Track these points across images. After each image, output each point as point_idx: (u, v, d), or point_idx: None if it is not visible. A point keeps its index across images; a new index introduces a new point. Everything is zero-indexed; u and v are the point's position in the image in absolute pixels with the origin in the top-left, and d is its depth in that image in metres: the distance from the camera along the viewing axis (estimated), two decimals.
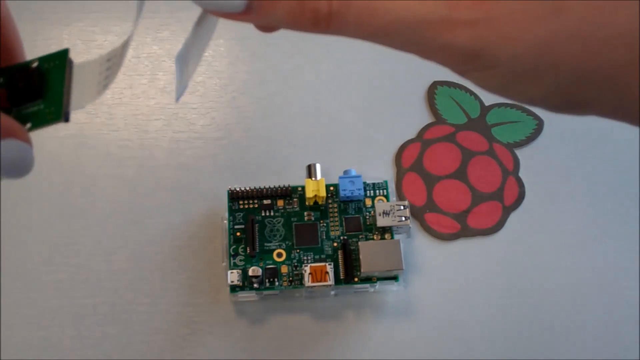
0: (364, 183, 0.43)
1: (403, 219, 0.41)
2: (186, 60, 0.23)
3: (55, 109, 0.21)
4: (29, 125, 0.21)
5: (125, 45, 0.22)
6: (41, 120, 0.21)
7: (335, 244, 0.41)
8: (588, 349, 0.41)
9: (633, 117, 0.18)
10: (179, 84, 0.22)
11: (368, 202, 0.42)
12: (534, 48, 0.16)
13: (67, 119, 0.21)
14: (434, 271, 0.42)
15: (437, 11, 0.16)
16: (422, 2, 0.16)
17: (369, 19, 0.16)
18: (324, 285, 0.39)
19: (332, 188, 0.43)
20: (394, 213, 0.40)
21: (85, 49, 0.49)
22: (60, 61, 0.22)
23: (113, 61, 0.21)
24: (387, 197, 0.43)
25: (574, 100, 0.18)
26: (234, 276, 0.39)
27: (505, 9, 0.16)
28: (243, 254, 0.40)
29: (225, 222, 0.41)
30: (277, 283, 0.39)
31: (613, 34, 0.16)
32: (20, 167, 0.20)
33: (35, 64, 0.23)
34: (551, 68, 0.17)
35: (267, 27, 0.20)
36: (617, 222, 0.44)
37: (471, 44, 0.16)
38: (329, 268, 0.39)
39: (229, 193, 0.42)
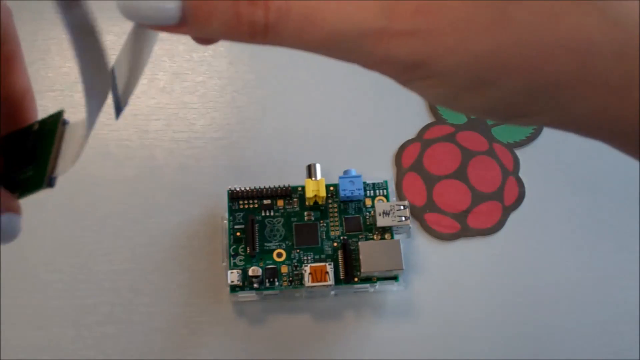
0: (364, 183, 0.43)
1: (403, 219, 0.41)
2: (121, 74, 0.21)
3: (38, 175, 0.20)
4: (17, 194, 0.21)
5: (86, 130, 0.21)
6: (26, 189, 0.21)
7: (335, 244, 0.41)
8: (588, 349, 0.41)
9: (578, 128, 0.18)
10: (115, 99, 0.20)
11: (368, 202, 0.42)
12: (477, 59, 0.16)
13: (51, 185, 0.20)
14: (434, 271, 0.42)
15: (376, 22, 0.15)
16: (360, 12, 0.15)
17: (307, 30, 0.16)
18: (324, 285, 0.39)
19: (332, 188, 0.43)
20: (394, 213, 0.40)
21: None
22: (53, 124, 0.21)
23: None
24: (387, 197, 0.43)
25: (519, 111, 0.17)
26: (234, 276, 0.39)
27: (446, 19, 0.15)
28: (243, 254, 0.40)
29: (225, 222, 0.41)
30: (277, 283, 0.39)
31: (556, 43, 0.15)
32: (10, 236, 0.21)
33: (36, 127, 0.22)
34: (495, 79, 0.16)
35: (203, 39, 0.20)
36: (617, 222, 0.44)
37: (411, 55, 0.16)
38: (329, 268, 0.39)
39: (229, 193, 0.42)
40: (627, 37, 0.15)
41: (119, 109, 0.21)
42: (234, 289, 0.39)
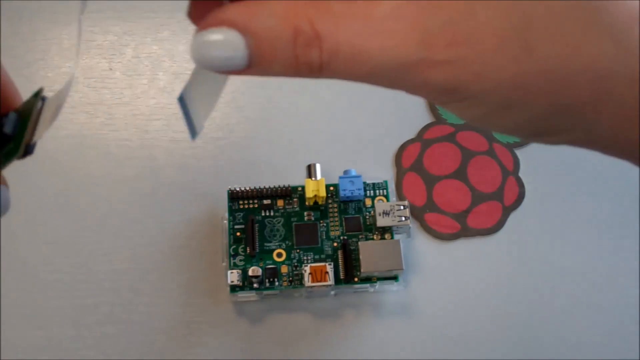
0: (364, 183, 0.43)
1: (403, 219, 0.41)
2: (191, 107, 0.22)
3: (17, 146, 0.22)
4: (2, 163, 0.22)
5: (68, 85, 0.23)
6: (7, 157, 0.22)
7: (335, 244, 0.41)
8: (588, 349, 0.41)
9: (601, 147, 0.20)
10: (187, 126, 0.21)
11: (368, 202, 0.42)
12: (504, 85, 0.18)
13: (29, 152, 0.22)
14: (434, 271, 0.42)
15: (415, 54, 0.17)
16: (401, 47, 0.17)
17: (356, 66, 0.18)
18: (323, 285, 0.39)
19: (332, 188, 0.43)
20: (394, 213, 0.40)
21: (85, 49, 0.49)
22: (32, 100, 0.23)
23: (60, 95, 0.22)
24: (387, 197, 0.43)
25: (545, 131, 0.19)
26: (234, 276, 0.39)
27: (475, 50, 0.17)
28: (243, 254, 0.40)
29: (225, 222, 0.41)
30: (277, 283, 0.39)
31: (577, 70, 0.17)
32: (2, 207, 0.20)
33: (20, 109, 0.24)
34: (521, 103, 0.18)
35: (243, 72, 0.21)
36: (617, 222, 0.44)
37: (447, 81, 0.18)
38: (329, 268, 0.39)
39: (229, 193, 0.42)
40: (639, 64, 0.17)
41: (194, 132, 0.22)
42: (234, 289, 0.39)
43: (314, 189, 0.41)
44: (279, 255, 0.40)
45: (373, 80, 0.18)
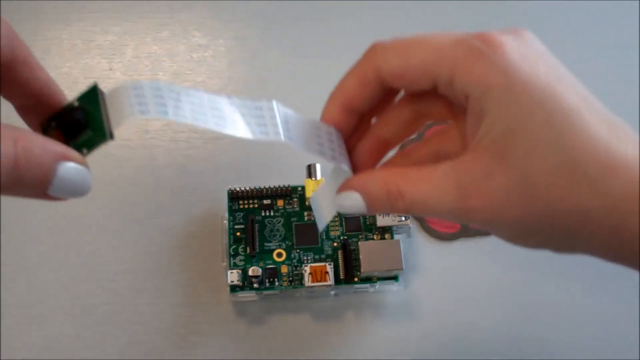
0: None
1: (403, 219, 0.41)
2: (319, 205, 0.31)
3: (100, 132, 0.25)
4: (84, 150, 0.25)
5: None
6: (92, 144, 0.25)
7: (335, 244, 0.41)
8: (588, 349, 0.41)
9: (602, 257, 0.27)
10: (317, 221, 0.31)
11: None
12: (516, 222, 0.26)
13: (112, 137, 0.25)
14: (434, 271, 0.42)
15: (456, 205, 0.26)
16: (448, 201, 0.26)
17: (424, 211, 0.27)
18: (324, 285, 0.39)
19: None
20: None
21: (85, 49, 0.49)
22: (92, 95, 0.26)
23: (144, 91, 0.25)
24: None
25: (558, 248, 0.27)
26: (234, 276, 0.39)
27: (491, 201, 0.25)
28: (243, 254, 0.40)
29: (225, 222, 0.41)
30: (277, 283, 0.39)
31: (565, 211, 0.25)
32: (80, 187, 0.24)
33: (76, 104, 0.26)
34: (532, 233, 0.26)
35: None
36: None
37: (480, 219, 0.26)
38: (329, 268, 0.39)
39: (229, 193, 0.42)
40: (613, 204, 0.24)
41: (321, 225, 0.31)
42: (234, 289, 0.39)
43: (314, 189, 0.41)
44: (279, 255, 0.40)
45: (439, 218, 0.28)
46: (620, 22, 0.52)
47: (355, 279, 0.40)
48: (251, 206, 0.42)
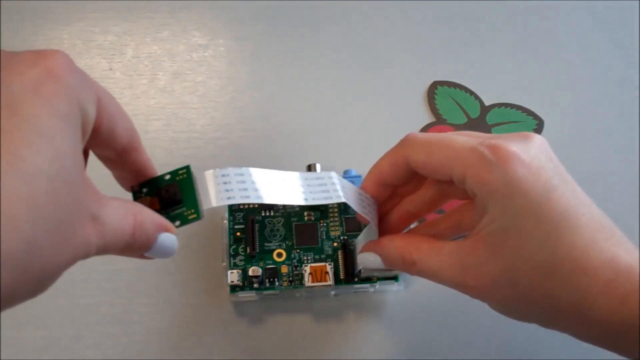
0: None
1: None
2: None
3: (195, 211, 0.29)
4: (178, 223, 0.29)
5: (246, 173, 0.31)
6: (186, 220, 0.30)
7: (335, 244, 0.41)
8: (588, 349, 0.40)
9: (565, 332, 0.31)
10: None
11: None
12: (503, 302, 0.31)
13: (203, 216, 0.29)
14: None
15: (458, 280, 0.31)
16: (453, 275, 0.31)
17: (433, 279, 0.33)
18: (324, 285, 0.39)
19: None
20: None
21: (85, 49, 0.49)
22: (187, 175, 0.30)
23: (230, 178, 0.30)
24: None
25: (534, 322, 0.32)
26: (234, 276, 0.39)
27: (481, 284, 0.31)
28: (243, 254, 0.40)
29: (225, 222, 0.41)
30: (277, 283, 0.39)
31: (545, 300, 0.30)
32: (170, 251, 0.28)
33: (168, 177, 0.31)
34: (514, 311, 0.32)
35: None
36: (616, 223, 0.44)
37: (475, 295, 0.31)
38: (329, 268, 0.39)
39: None
40: (580, 298, 0.29)
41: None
42: (234, 289, 0.39)
43: None
44: (279, 255, 0.40)
45: (440, 283, 0.32)
46: (620, 22, 0.52)
47: (356, 279, 0.40)
48: (251, 206, 0.42)
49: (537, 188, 0.30)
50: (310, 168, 0.42)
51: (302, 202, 0.31)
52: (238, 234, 0.41)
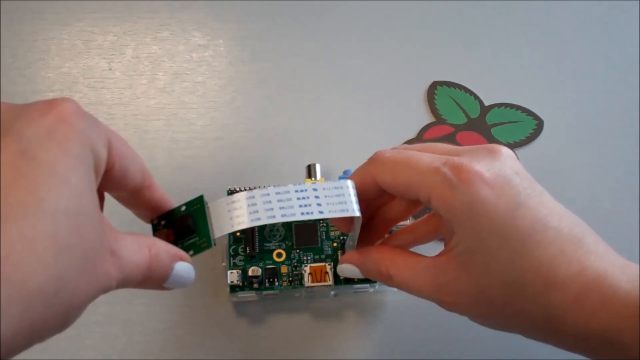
0: None
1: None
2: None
3: (206, 240, 0.31)
4: (191, 252, 0.31)
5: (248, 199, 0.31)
6: (198, 249, 0.31)
7: (335, 244, 0.41)
8: None
9: (543, 342, 0.32)
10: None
11: None
12: (479, 317, 0.32)
13: (215, 244, 0.31)
14: None
15: (434, 295, 0.32)
16: (427, 291, 0.32)
17: (407, 291, 0.33)
18: (323, 286, 0.39)
19: None
20: None
21: (85, 49, 0.49)
22: (200, 205, 0.32)
23: (237, 204, 0.31)
24: None
25: (515, 332, 0.33)
26: (233, 276, 0.39)
27: (460, 299, 0.31)
28: (243, 254, 0.40)
29: None
30: (277, 283, 0.39)
31: (518, 315, 0.31)
32: (187, 280, 0.30)
33: (183, 208, 0.32)
34: (491, 324, 0.33)
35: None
36: (617, 223, 0.44)
37: (452, 310, 0.33)
38: (329, 268, 0.39)
39: (228, 193, 0.42)
40: (550, 313, 0.30)
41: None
42: (233, 289, 0.39)
43: None
44: (279, 255, 0.40)
45: (413, 294, 0.33)
46: (620, 22, 0.52)
47: (355, 279, 0.40)
48: None
49: (500, 208, 0.30)
50: (310, 168, 0.42)
51: (318, 216, 0.31)
52: (238, 234, 0.41)
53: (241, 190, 0.42)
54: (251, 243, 0.40)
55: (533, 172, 0.46)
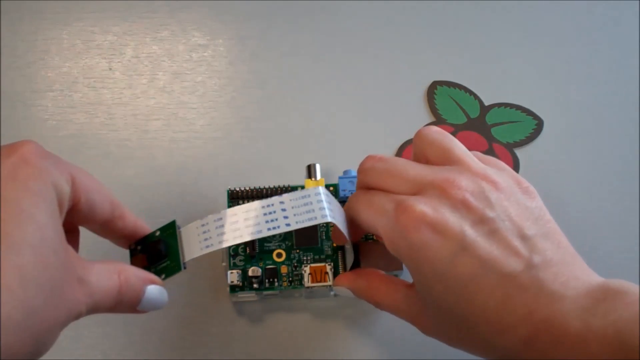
0: None
1: None
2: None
3: (176, 264, 0.33)
4: (163, 276, 0.33)
5: (220, 218, 0.33)
6: (170, 272, 0.33)
7: (335, 244, 0.41)
8: None
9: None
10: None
11: None
12: (449, 344, 0.34)
13: (184, 267, 0.33)
14: None
15: (412, 321, 0.35)
16: (409, 317, 0.35)
17: (396, 316, 0.36)
18: (323, 286, 0.39)
19: (332, 188, 0.42)
20: None
21: (85, 49, 0.49)
22: (172, 230, 0.33)
23: (209, 226, 0.32)
24: None
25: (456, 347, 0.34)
26: (233, 276, 0.39)
27: (429, 328, 0.34)
28: (243, 254, 0.40)
29: None
30: (276, 283, 0.39)
31: (474, 351, 0.33)
32: (160, 303, 0.32)
33: (157, 233, 0.33)
34: (461, 349, 0.33)
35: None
36: (617, 223, 0.44)
37: (427, 335, 0.35)
38: (329, 268, 0.39)
39: (229, 193, 0.42)
40: (501, 355, 0.31)
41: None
42: (233, 289, 0.39)
43: None
44: (279, 255, 0.40)
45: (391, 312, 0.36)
46: (620, 22, 0.52)
47: None
48: None
49: (441, 254, 0.30)
50: (310, 168, 0.42)
51: (285, 229, 0.32)
52: None
53: (241, 190, 0.42)
54: (251, 243, 0.40)
55: (533, 172, 0.46)
